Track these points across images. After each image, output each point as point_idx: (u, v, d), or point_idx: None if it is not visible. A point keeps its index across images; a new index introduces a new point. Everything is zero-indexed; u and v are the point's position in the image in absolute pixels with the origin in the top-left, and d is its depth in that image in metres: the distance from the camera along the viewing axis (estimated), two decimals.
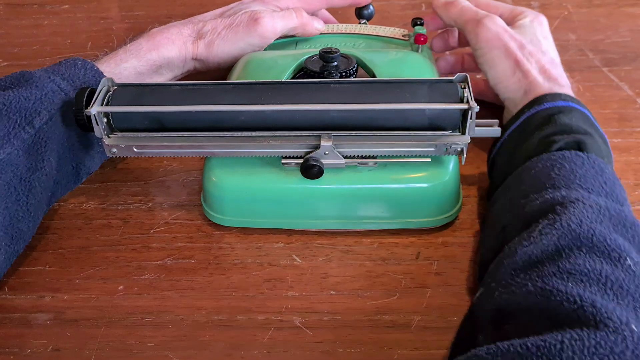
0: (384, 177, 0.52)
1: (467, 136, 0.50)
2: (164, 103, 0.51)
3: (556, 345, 0.32)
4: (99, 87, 0.52)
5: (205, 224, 0.56)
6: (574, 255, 0.39)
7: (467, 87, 0.50)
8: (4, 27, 0.84)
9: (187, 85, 0.52)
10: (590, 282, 0.37)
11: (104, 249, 0.55)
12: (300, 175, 0.51)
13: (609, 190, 0.45)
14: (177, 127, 0.52)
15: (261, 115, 0.50)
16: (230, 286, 0.51)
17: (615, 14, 0.80)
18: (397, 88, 0.51)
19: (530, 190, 0.46)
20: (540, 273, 0.38)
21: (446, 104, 0.50)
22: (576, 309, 0.35)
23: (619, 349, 0.32)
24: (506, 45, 0.56)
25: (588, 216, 0.41)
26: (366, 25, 0.65)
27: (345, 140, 0.50)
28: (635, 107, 0.67)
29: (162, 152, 0.52)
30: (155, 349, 0.47)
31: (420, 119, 0.50)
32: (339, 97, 0.50)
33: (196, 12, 0.84)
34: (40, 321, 0.50)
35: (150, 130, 0.52)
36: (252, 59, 0.59)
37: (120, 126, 0.52)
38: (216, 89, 0.52)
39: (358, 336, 0.47)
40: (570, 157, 0.47)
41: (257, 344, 0.47)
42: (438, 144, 0.50)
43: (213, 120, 0.51)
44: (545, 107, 0.52)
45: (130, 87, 0.53)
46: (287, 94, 0.51)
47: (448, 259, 0.53)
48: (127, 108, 0.51)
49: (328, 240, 0.54)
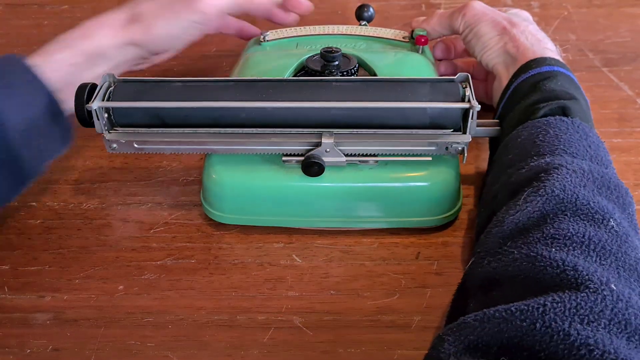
0: (384, 176, 0.52)
1: (468, 135, 0.50)
2: (165, 99, 0.51)
3: (539, 308, 0.33)
4: (100, 82, 0.52)
5: (205, 224, 0.56)
6: (558, 220, 0.40)
7: (469, 86, 0.50)
8: (4, 27, 0.84)
9: (188, 82, 0.52)
10: (573, 245, 0.38)
11: (104, 249, 0.55)
12: (301, 172, 0.51)
13: (593, 153, 0.46)
14: (177, 123, 0.52)
15: (262, 112, 0.50)
16: (230, 286, 0.51)
17: (615, 14, 0.80)
18: (398, 87, 0.51)
19: (516, 158, 0.47)
20: (525, 240, 0.39)
21: (447, 103, 0.50)
22: (559, 273, 0.36)
23: (598, 308, 0.33)
24: (493, 17, 0.57)
25: (571, 181, 0.42)
26: (366, 27, 0.65)
27: (347, 138, 0.50)
28: (635, 107, 0.67)
29: (162, 147, 0.52)
30: (155, 349, 0.47)
31: (421, 117, 0.50)
32: (341, 95, 0.50)
33: None
34: (40, 321, 0.49)
35: (151, 126, 0.52)
36: (254, 58, 0.59)
37: (121, 122, 0.52)
38: (217, 86, 0.52)
39: (358, 336, 0.47)
40: (555, 123, 0.48)
41: (257, 344, 0.47)
42: (439, 142, 0.50)
43: (214, 116, 0.51)
44: (530, 74, 0.52)
45: (132, 83, 0.53)
46: (289, 91, 0.51)
47: (448, 258, 0.53)
48: (128, 103, 0.51)
49: (328, 240, 0.54)
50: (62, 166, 0.62)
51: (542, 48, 0.55)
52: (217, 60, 0.76)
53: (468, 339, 0.34)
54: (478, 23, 0.58)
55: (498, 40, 0.56)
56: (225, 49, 0.78)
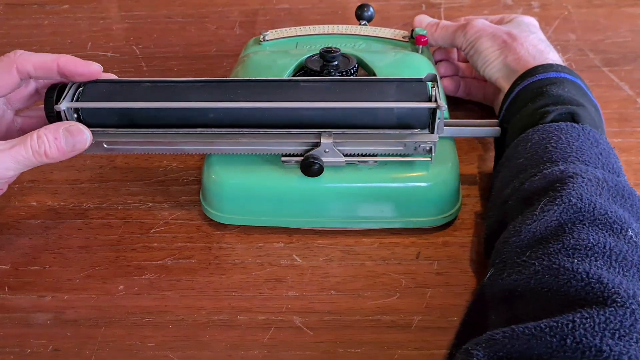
0: (383, 176, 0.52)
1: (436, 135, 0.50)
2: (135, 99, 0.51)
3: (568, 324, 0.33)
4: (69, 83, 0.51)
5: (206, 224, 0.56)
6: (577, 230, 0.39)
7: (437, 86, 0.50)
8: (4, 27, 0.84)
9: (157, 82, 0.52)
10: (595, 256, 0.37)
11: (104, 248, 0.55)
12: (300, 173, 0.51)
13: (605, 161, 0.46)
14: (147, 124, 0.52)
15: (229, 112, 0.50)
16: (230, 286, 0.51)
17: (615, 14, 0.80)
18: (366, 87, 0.51)
19: (527, 163, 0.47)
20: (545, 251, 0.39)
21: (414, 103, 0.50)
22: (584, 286, 0.36)
23: (628, 322, 0.33)
24: (493, 32, 0.58)
25: (587, 190, 0.41)
26: (366, 27, 0.65)
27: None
28: (635, 107, 0.67)
29: (132, 148, 0.52)
30: (156, 349, 0.47)
31: (389, 117, 0.50)
32: (310, 95, 0.50)
33: (196, 13, 0.85)
34: (41, 321, 0.49)
35: (120, 126, 0.52)
36: (253, 58, 0.59)
37: (91, 122, 0.51)
38: (185, 86, 0.52)
39: (358, 336, 0.47)
40: (566, 129, 0.47)
41: (257, 344, 0.47)
42: (407, 142, 0.50)
43: (182, 116, 0.51)
44: (537, 78, 0.53)
45: (102, 84, 0.52)
46: (257, 92, 0.51)
47: (449, 259, 0.53)
48: (98, 104, 0.51)
49: (328, 240, 0.54)
50: (62, 166, 0.62)
51: (544, 59, 0.55)
52: (217, 60, 0.76)
53: (497, 355, 0.34)
54: (479, 39, 0.58)
55: (499, 54, 0.57)
56: (225, 49, 0.78)
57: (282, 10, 0.84)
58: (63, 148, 0.48)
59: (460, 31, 0.60)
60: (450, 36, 0.61)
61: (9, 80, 0.50)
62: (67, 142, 0.48)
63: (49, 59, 0.50)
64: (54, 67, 0.50)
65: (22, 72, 0.50)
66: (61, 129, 0.48)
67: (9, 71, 0.50)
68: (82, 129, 0.49)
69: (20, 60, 0.50)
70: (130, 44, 0.80)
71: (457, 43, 0.61)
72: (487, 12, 0.80)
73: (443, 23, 0.63)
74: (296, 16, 0.83)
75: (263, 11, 0.85)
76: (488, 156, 0.61)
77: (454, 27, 0.61)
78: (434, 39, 0.63)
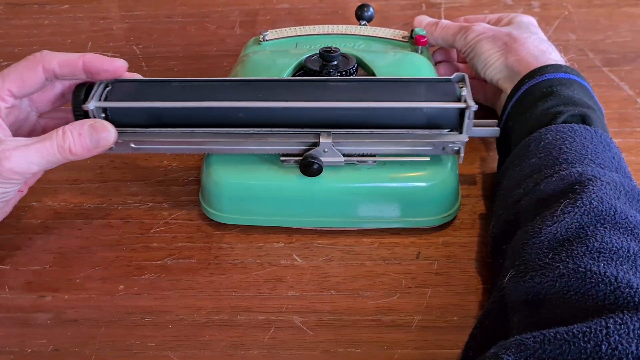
0: (382, 176, 0.52)
1: (465, 135, 0.50)
2: (163, 99, 0.51)
3: (602, 330, 0.33)
4: (97, 82, 0.52)
5: (206, 224, 0.56)
6: (599, 233, 0.39)
7: (465, 86, 0.50)
8: (4, 27, 0.84)
9: (186, 82, 0.52)
10: (620, 260, 0.37)
11: (104, 248, 0.55)
12: (299, 172, 0.51)
13: (617, 165, 0.45)
14: (175, 123, 0.52)
15: (260, 112, 0.50)
16: (230, 286, 0.51)
17: (616, 14, 0.80)
18: (395, 86, 0.51)
19: (542, 163, 0.46)
20: (569, 253, 0.39)
21: (444, 103, 0.50)
22: (613, 290, 0.35)
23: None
24: (494, 34, 0.58)
25: (607, 193, 0.41)
26: (366, 27, 0.65)
27: (345, 138, 0.50)
28: (635, 107, 0.67)
29: (160, 147, 0.52)
30: (156, 349, 0.47)
31: (418, 117, 0.50)
32: (338, 94, 0.50)
33: (196, 12, 0.85)
34: (41, 321, 0.49)
35: (148, 126, 0.52)
36: (253, 58, 0.59)
37: (118, 121, 0.52)
38: (215, 86, 0.52)
39: (358, 336, 0.47)
40: (580, 131, 0.47)
41: (257, 343, 0.47)
42: (435, 142, 0.50)
43: (211, 116, 0.51)
44: (546, 77, 0.52)
45: (129, 83, 0.53)
46: (286, 91, 0.51)
47: (448, 258, 0.53)
48: (126, 103, 0.51)
49: (328, 240, 0.54)
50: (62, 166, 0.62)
51: (546, 59, 0.55)
52: (217, 60, 0.76)
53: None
54: (479, 41, 0.58)
55: (499, 56, 0.57)
56: (225, 49, 0.78)
57: (283, 10, 0.84)
58: (87, 144, 0.48)
59: (460, 34, 0.60)
60: (451, 38, 0.61)
61: (34, 79, 0.50)
62: (91, 139, 0.48)
63: (73, 57, 0.50)
64: (79, 64, 0.50)
65: (48, 70, 0.50)
66: (86, 125, 0.48)
67: (34, 70, 0.50)
68: (106, 125, 0.49)
69: (46, 59, 0.50)
70: (131, 44, 0.80)
71: (457, 45, 0.61)
72: (487, 12, 0.80)
73: (443, 23, 0.63)
74: (296, 16, 0.83)
75: (263, 11, 0.85)
76: (487, 156, 0.61)
77: (454, 28, 0.61)
78: (433, 39, 0.63)
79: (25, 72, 0.50)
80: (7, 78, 0.49)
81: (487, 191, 0.58)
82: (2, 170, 0.46)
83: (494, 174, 0.59)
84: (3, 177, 0.46)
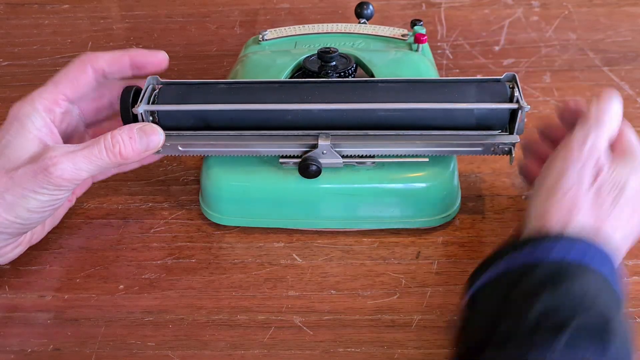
0: (382, 177, 0.52)
1: (516, 136, 0.50)
2: (210, 101, 0.51)
3: None
4: (145, 85, 0.51)
5: (206, 224, 0.56)
6: None
7: (516, 86, 0.50)
8: (4, 27, 0.84)
9: (232, 84, 0.53)
10: None
11: (105, 248, 0.55)
12: (298, 174, 0.51)
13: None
14: (222, 126, 0.52)
15: (305, 114, 0.50)
16: (230, 286, 0.51)
17: (616, 13, 0.80)
18: (444, 87, 0.51)
19: None
20: None
21: (495, 104, 0.49)
22: None
23: None
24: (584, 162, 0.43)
25: None
26: (365, 25, 0.65)
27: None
28: (635, 106, 0.67)
29: (206, 150, 0.52)
30: (156, 349, 0.47)
31: (468, 118, 0.50)
32: (388, 96, 0.50)
33: (196, 12, 0.85)
34: (41, 320, 0.50)
35: (195, 128, 0.52)
36: (252, 58, 0.59)
37: (167, 124, 0.51)
38: (261, 88, 0.52)
39: (358, 335, 0.47)
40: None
41: (257, 343, 0.47)
42: (486, 143, 0.50)
43: (259, 118, 0.51)
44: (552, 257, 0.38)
45: (175, 86, 0.53)
46: (337, 92, 0.51)
47: (448, 258, 0.53)
48: (174, 107, 0.51)
49: (328, 240, 0.54)
50: None
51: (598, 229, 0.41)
52: (217, 59, 0.76)
53: None
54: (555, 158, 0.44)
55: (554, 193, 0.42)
56: (225, 49, 0.78)
57: (283, 10, 0.84)
58: (137, 147, 0.48)
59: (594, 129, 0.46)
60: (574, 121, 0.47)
61: (86, 79, 0.50)
62: (141, 142, 0.48)
63: (119, 54, 0.51)
64: (126, 60, 0.51)
65: (97, 70, 0.50)
66: (135, 128, 0.48)
67: (84, 71, 0.50)
68: (155, 128, 0.49)
69: (93, 59, 0.50)
70: (131, 44, 0.80)
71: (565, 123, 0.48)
72: (487, 12, 0.80)
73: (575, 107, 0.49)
74: (297, 16, 0.83)
75: (263, 11, 0.85)
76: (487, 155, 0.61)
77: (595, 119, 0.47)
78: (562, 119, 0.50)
79: (76, 74, 0.50)
80: (60, 83, 0.50)
81: (487, 191, 0.58)
82: (51, 177, 0.45)
83: (493, 174, 0.59)
84: (52, 184, 0.46)
